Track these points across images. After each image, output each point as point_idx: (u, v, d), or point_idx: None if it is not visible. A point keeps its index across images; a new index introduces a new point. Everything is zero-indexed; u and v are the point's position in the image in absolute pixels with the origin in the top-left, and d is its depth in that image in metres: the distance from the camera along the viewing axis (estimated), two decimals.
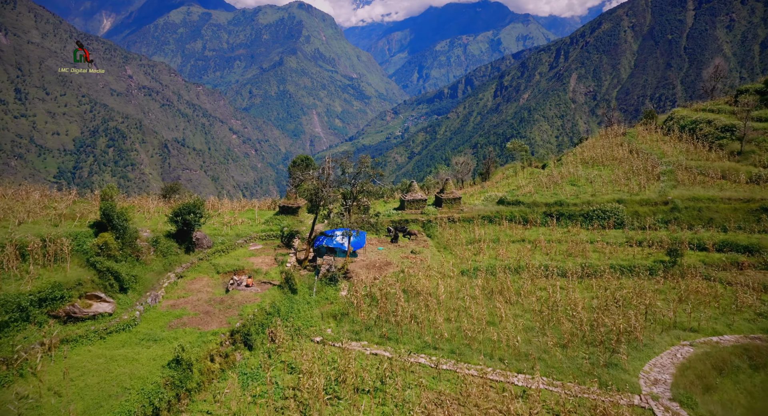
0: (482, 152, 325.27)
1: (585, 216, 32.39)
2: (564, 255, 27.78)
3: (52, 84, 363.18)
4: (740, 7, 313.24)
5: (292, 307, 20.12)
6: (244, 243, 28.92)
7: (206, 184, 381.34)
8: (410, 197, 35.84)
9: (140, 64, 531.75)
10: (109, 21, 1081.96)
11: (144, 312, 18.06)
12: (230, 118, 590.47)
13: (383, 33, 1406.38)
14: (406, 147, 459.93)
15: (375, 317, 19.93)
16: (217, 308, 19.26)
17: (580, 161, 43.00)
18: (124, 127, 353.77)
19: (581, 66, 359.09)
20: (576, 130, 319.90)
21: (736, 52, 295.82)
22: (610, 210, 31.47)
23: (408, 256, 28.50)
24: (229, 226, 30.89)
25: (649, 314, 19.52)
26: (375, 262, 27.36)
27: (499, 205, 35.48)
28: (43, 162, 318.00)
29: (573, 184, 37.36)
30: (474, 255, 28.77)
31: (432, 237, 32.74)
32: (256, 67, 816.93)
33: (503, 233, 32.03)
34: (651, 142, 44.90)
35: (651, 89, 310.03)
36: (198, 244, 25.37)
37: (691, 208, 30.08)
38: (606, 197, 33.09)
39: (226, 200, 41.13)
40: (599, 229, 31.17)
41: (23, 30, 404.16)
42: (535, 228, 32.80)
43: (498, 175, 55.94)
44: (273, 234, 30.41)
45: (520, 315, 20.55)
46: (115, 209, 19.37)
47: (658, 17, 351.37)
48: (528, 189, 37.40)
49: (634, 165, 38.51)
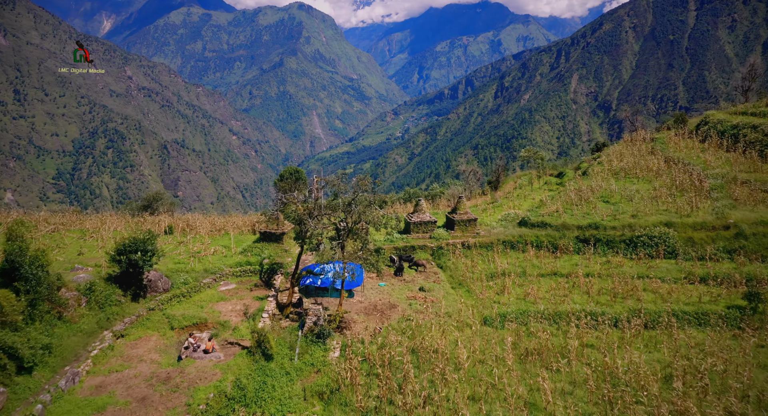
0: (483, 153, 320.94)
1: (627, 242, 26.95)
2: (609, 295, 22.23)
3: (51, 85, 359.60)
4: (742, 7, 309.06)
5: (265, 383, 14.88)
6: (213, 283, 23.49)
7: (206, 185, 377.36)
8: (417, 219, 30.36)
9: (140, 65, 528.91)
10: (109, 22, 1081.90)
11: (51, 403, 12.76)
12: (230, 119, 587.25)
13: (383, 34, 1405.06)
14: (407, 148, 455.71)
15: (375, 398, 14.77)
16: (160, 391, 13.95)
17: (609, 172, 37.21)
18: (124, 128, 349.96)
19: (582, 66, 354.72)
20: (577, 131, 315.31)
21: (738, 52, 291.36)
22: (658, 235, 26.09)
23: (416, 295, 23.43)
24: (197, 258, 25.42)
25: (751, 395, 14.28)
26: (376, 304, 22.35)
27: (522, 228, 30.18)
28: (42, 163, 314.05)
29: (606, 200, 31.82)
30: (497, 294, 23.47)
31: (444, 269, 27.47)
32: (256, 68, 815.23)
33: (530, 264, 26.57)
34: (686, 149, 39.23)
35: (653, 90, 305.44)
36: (151, 288, 20.04)
37: (760, 234, 24.69)
38: (651, 219, 27.68)
39: (202, 218, 35.26)
40: (646, 259, 25.69)
41: (22, 31, 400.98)
42: (567, 257, 27.27)
43: (509, 184, 50.62)
44: (251, 270, 25.01)
45: (569, 392, 15.37)
46: (25, 254, 14.18)
47: (660, 18, 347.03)
48: (553, 207, 31.78)
49: (675, 178, 32.81)
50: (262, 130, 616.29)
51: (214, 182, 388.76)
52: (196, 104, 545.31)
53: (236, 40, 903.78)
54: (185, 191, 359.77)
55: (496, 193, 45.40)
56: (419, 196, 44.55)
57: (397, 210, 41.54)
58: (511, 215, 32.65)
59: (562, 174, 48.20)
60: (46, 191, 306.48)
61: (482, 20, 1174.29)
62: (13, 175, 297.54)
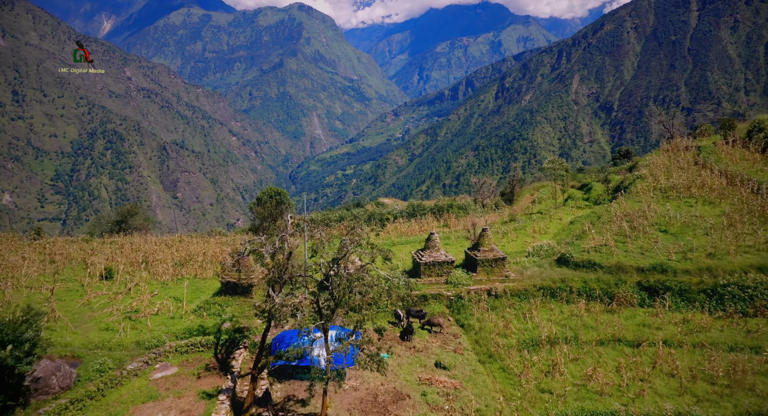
0: (484, 154, 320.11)
1: (709, 294, 20.57)
2: (707, 382, 15.88)
3: (50, 86, 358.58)
4: (744, 7, 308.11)
5: None
6: (143, 367, 16.70)
7: (205, 186, 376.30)
8: (429, 258, 24.23)
9: (139, 65, 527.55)
10: (109, 23, 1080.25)
11: None
12: (230, 120, 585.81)
13: (383, 34, 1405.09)
14: (407, 149, 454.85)
15: None
16: None
17: (656, 190, 31.07)
18: (122, 129, 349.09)
19: (584, 67, 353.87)
20: (579, 132, 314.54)
21: (740, 53, 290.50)
22: (753, 286, 19.84)
23: (432, 377, 17.45)
24: (133, 320, 19.24)
25: None
26: (376, 393, 16.27)
27: (563, 268, 24.17)
28: (41, 164, 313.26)
29: (664, 230, 25.76)
30: (544, 375, 17.47)
31: (466, 329, 21.31)
32: (256, 68, 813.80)
33: (581, 323, 20.34)
34: (743, 162, 32.99)
35: (654, 91, 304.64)
36: (39, 390, 13.93)
37: None
38: (735, 261, 21.32)
39: (166, 249, 28.26)
40: (739, 318, 19.32)
41: (21, 31, 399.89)
42: (628, 311, 21.04)
43: (525, 196, 44.89)
44: (203, 342, 18.42)
45: None
46: None
47: (662, 18, 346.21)
48: (600, 239, 25.56)
49: (746, 201, 26.53)
50: (262, 130, 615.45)
51: (213, 183, 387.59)
52: (195, 105, 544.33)
53: (236, 41, 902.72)
54: (184, 192, 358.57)
55: (513, 208, 40.16)
56: (424, 210, 39.21)
57: (400, 227, 36.30)
58: (545, 248, 26.61)
59: (588, 187, 42.50)
60: (45, 193, 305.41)
61: (482, 21, 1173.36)
62: (11, 177, 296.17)
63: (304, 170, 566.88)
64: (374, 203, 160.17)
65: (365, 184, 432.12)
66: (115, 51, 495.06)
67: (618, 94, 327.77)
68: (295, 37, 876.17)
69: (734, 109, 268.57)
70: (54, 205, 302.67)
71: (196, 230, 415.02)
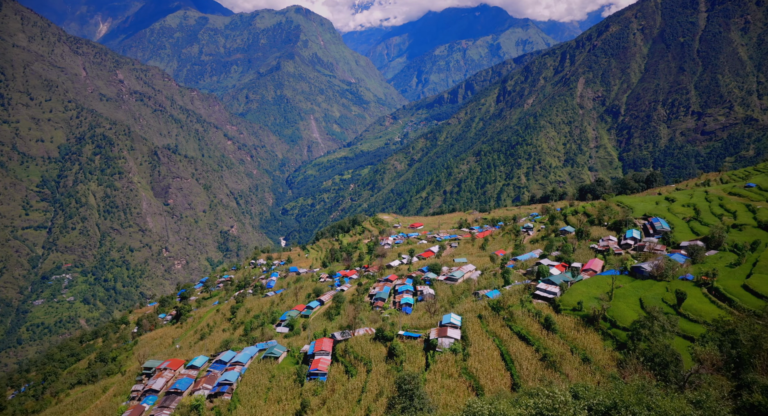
0: (486, 160, 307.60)
1: None
2: None
3: (37, 89, 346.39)
4: (755, 8, 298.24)
5: None
6: None
7: (198, 192, 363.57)
8: None
9: (132, 68, 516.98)
10: (106, 25, 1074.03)
11: None
12: (225, 124, 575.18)
13: (382, 37, 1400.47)
14: (406, 153, 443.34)
15: None
16: None
17: None
18: (112, 133, 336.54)
19: (589, 70, 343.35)
20: (584, 136, 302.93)
21: (752, 55, 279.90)
22: None
23: None
24: None
25: None
26: None
27: None
28: (26, 170, 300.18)
29: None
30: None
31: None
32: (253, 71, 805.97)
33: None
34: None
35: (663, 94, 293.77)
36: None
37: None
38: None
39: None
40: None
41: (9, 33, 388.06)
42: None
43: None
44: None
45: None
46: None
47: (669, 19, 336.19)
48: None
49: None
50: (259, 134, 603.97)
51: (206, 189, 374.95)
52: (190, 108, 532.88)
53: (233, 44, 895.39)
54: (176, 199, 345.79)
55: None
56: None
57: None
58: None
59: None
60: (30, 199, 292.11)
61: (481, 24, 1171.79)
62: None
63: (300, 174, 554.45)
64: (372, 220, 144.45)
65: (363, 189, 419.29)
66: (107, 53, 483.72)
67: (625, 98, 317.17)
68: (292, 40, 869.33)
69: (747, 114, 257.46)
70: (39, 212, 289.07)
71: (187, 237, 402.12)
